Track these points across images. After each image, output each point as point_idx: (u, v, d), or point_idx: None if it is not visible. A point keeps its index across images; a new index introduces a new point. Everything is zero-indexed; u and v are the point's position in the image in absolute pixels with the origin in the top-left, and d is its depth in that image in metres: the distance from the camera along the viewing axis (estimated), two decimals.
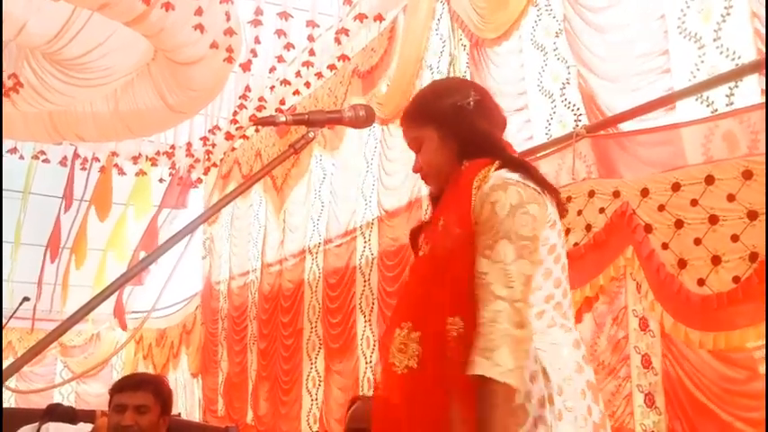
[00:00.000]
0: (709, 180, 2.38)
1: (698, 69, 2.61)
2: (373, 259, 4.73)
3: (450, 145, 1.52)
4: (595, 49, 2.94)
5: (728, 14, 2.44)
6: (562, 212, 1.55)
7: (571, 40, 3.08)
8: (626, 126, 2.85)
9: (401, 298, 1.55)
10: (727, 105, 2.47)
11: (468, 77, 3.90)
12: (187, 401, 8.08)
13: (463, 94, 1.55)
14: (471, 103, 1.53)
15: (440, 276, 1.44)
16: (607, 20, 2.88)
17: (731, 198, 2.30)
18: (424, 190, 3.83)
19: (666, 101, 2.69)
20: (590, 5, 2.96)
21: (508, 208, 1.39)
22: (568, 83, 3.18)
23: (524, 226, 1.38)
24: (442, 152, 1.53)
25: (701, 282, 2.36)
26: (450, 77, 3.58)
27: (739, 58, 2.46)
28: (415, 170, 1.60)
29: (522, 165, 1.50)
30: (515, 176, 1.44)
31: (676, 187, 2.49)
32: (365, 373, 4.67)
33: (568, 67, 3.18)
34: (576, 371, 1.44)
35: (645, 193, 2.61)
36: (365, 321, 4.76)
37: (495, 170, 1.46)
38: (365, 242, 4.89)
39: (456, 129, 1.52)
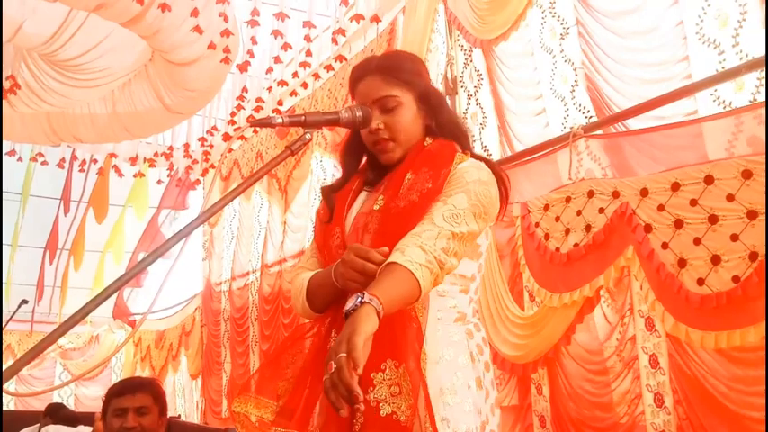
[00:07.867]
0: (709, 180, 2.38)
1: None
2: None
3: (423, 119, 1.55)
4: (611, 56, 2.91)
5: (744, 20, 2.42)
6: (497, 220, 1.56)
7: (584, 45, 3.04)
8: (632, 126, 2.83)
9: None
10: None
11: (467, 78, 3.90)
12: (187, 403, 8.06)
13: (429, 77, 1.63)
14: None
15: (392, 228, 1.39)
16: (623, 26, 2.85)
17: (731, 198, 2.30)
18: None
19: (661, 101, 2.68)
20: (605, 11, 2.93)
21: (476, 179, 1.44)
22: (577, 85, 3.16)
23: (484, 196, 1.43)
24: (416, 123, 1.54)
25: (700, 281, 2.36)
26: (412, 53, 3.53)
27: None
28: (375, 129, 1.49)
29: (489, 161, 1.54)
30: (487, 169, 1.50)
31: (676, 187, 2.49)
32: None
33: (575, 70, 3.15)
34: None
35: (644, 192, 2.61)
36: None
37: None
38: None
39: (432, 108, 1.55)
